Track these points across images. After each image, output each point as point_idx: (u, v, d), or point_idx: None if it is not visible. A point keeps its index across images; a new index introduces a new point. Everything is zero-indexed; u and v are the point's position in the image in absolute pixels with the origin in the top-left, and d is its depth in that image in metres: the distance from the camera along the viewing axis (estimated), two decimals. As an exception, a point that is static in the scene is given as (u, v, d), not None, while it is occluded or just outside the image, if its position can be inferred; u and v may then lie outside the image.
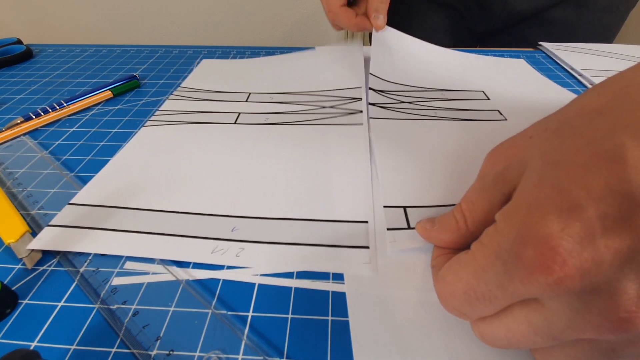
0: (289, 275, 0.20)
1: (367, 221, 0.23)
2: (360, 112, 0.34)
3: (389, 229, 0.22)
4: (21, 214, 0.24)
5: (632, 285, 0.11)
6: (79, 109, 0.36)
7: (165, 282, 0.20)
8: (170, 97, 0.37)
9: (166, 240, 0.22)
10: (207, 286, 0.20)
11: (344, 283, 0.20)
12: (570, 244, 0.11)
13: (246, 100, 0.36)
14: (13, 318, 0.19)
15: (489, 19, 0.52)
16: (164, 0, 1.10)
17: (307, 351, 0.17)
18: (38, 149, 0.31)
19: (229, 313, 0.19)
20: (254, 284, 0.20)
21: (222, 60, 0.46)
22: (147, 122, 0.33)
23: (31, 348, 0.17)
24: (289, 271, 0.20)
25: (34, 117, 0.34)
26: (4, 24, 1.17)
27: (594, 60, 0.43)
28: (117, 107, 0.37)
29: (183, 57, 0.48)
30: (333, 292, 0.19)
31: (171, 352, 0.17)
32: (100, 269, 0.21)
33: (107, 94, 0.38)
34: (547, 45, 0.47)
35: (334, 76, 0.40)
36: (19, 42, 0.50)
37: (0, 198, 0.25)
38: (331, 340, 0.17)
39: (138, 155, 0.29)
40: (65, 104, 0.36)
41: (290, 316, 0.18)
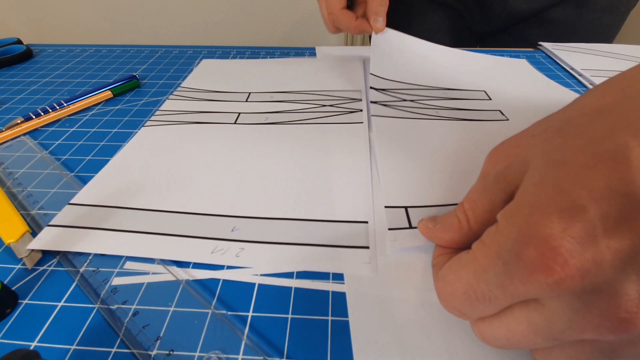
0: (289, 275, 0.20)
1: (367, 221, 0.23)
2: (361, 111, 0.34)
3: (390, 228, 0.22)
4: (21, 214, 0.24)
5: (633, 286, 0.11)
6: (79, 109, 0.36)
7: (165, 282, 0.20)
8: (170, 97, 0.37)
9: (166, 240, 0.22)
10: (207, 286, 0.20)
11: (344, 283, 0.20)
12: (571, 244, 0.11)
13: (246, 100, 0.36)
14: (13, 318, 0.19)
15: (489, 19, 0.52)
16: (164, 0, 1.10)
17: (307, 351, 0.17)
18: (38, 149, 0.31)
19: (229, 313, 0.19)
20: (254, 284, 0.20)
21: (222, 60, 0.46)
22: (147, 122, 0.33)
23: (31, 348, 0.17)
24: (289, 271, 0.20)
25: (34, 117, 0.34)
26: (4, 24, 1.17)
27: (594, 60, 0.43)
28: (117, 107, 0.37)
29: (183, 57, 0.48)
30: (333, 292, 0.19)
31: (171, 352, 0.17)
32: (100, 269, 0.21)
33: (107, 94, 0.38)
34: (547, 45, 0.47)
35: (333, 78, 0.40)
36: (19, 42, 0.50)
37: (0, 198, 0.25)
38: (331, 340, 0.17)
39: (138, 155, 0.29)
40: (65, 104, 0.36)
41: (290, 316, 0.18)
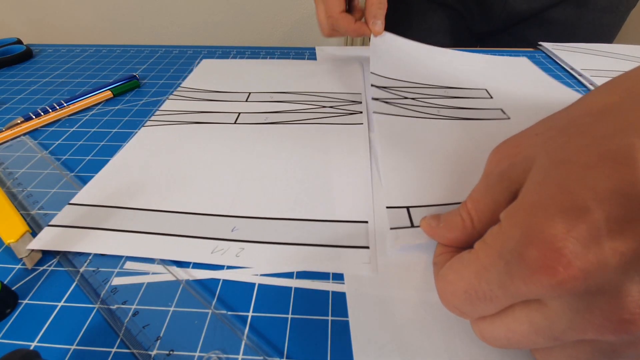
0: (289, 275, 0.20)
1: (367, 221, 0.23)
2: (360, 112, 0.34)
3: (392, 228, 0.22)
4: (21, 214, 0.24)
5: (636, 288, 0.11)
6: (79, 109, 0.36)
7: (165, 282, 0.20)
8: (170, 97, 0.37)
9: (166, 240, 0.22)
10: (207, 286, 0.20)
11: (344, 283, 0.19)
12: (575, 245, 0.11)
13: (246, 100, 0.36)
14: (13, 318, 0.19)
15: (489, 19, 0.52)
16: (164, 0, 1.10)
17: (307, 351, 0.17)
18: (38, 149, 0.31)
19: (229, 313, 0.19)
20: (254, 284, 0.20)
21: (222, 60, 0.46)
22: (147, 122, 0.33)
23: (31, 348, 0.17)
24: (289, 271, 0.20)
25: (34, 117, 0.34)
26: (4, 24, 1.17)
27: (594, 60, 0.43)
28: (117, 107, 0.37)
29: (183, 57, 0.47)
30: (333, 292, 0.19)
31: (171, 352, 0.17)
32: (100, 269, 0.21)
33: (107, 94, 0.38)
34: (547, 45, 0.47)
35: (333, 80, 0.40)
36: (19, 42, 0.50)
37: (0, 198, 0.25)
38: (331, 340, 0.17)
39: (138, 155, 0.29)
40: (65, 104, 0.36)
41: (290, 316, 0.18)
